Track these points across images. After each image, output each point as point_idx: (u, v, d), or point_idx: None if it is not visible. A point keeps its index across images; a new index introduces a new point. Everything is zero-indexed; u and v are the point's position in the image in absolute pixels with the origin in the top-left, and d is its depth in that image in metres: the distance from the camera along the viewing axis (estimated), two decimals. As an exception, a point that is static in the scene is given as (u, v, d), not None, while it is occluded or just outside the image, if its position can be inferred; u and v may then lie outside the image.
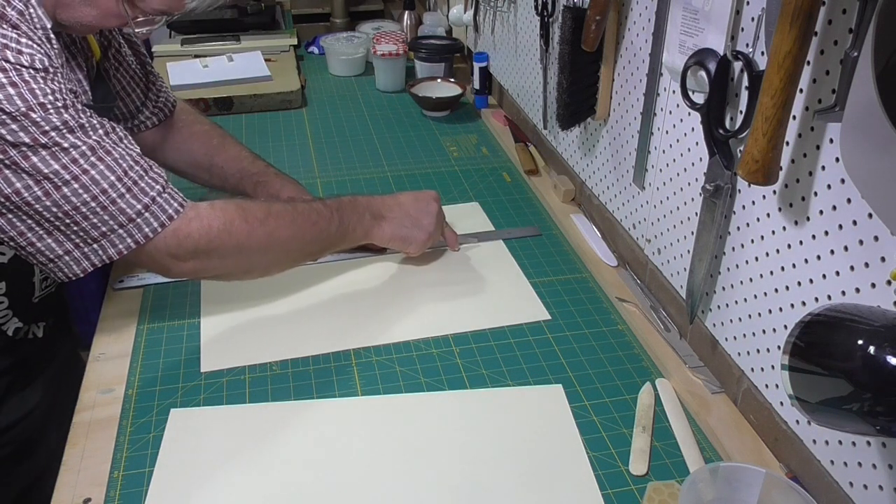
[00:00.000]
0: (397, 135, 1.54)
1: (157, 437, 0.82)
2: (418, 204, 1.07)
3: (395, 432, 0.83)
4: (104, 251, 0.81)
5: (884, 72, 0.52)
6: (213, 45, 1.89)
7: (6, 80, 0.73)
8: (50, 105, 0.75)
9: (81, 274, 0.82)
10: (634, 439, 0.82)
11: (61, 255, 0.80)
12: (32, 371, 1.02)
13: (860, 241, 0.64)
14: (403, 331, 0.98)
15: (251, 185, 1.15)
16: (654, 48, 0.94)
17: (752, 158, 0.66)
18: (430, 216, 1.07)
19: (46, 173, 0.75)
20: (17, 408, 1.00)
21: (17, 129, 0.73)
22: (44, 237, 0.78)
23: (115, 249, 0.81)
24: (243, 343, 0.96)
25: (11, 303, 0.96)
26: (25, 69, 0.75)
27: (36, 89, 0.75)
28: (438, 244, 1.13)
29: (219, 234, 0.85)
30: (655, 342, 0.95)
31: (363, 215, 1.00)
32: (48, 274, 0.83)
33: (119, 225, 0.80)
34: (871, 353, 0.51)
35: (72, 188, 0.77)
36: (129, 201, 0.80)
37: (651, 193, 1.01)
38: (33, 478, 1.02)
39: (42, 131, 0.75)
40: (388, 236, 1.04)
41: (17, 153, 0.74)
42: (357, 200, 1.02)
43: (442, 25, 1.93)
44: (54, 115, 0.75)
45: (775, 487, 0.68)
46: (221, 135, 1.20)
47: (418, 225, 1.05)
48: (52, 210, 0.77)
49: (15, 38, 0.75)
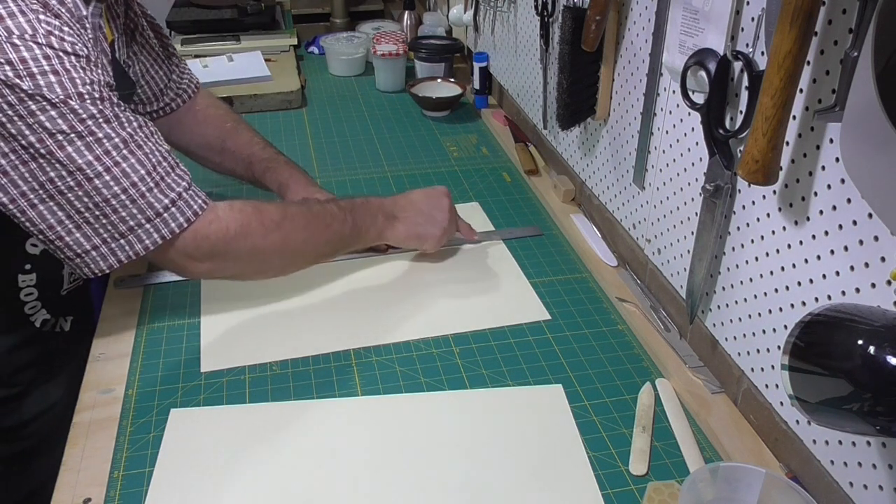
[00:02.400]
0: (397, 135, 1.54)
1: (157, 437, 0.82)
2: (430, 200, 1.07)
3: (396, 432, 0.83)
4: (131, 247, 0.81)
5: (884, 72, 0.52)
6: (213, 45, 1.89)
7: (49, 68, 0.73)
8: (87, 95, 0.76)
9: (108, 270, 0.82)
10: (634, 439, 0.82)
11: (89, 249, 0.80)
12: (57, 365, 1.02)
13: (860, 241, 0.64)
14: (403, 331, 0.98)
15: (260, 171, 1.16)
16: (654, 48, 0.94)
17: (752, 158, 0.66)
18: (442, 212, 1.06)
19: (80, 164, 0.76)
20: (40, 402, 1.00)
21: (56, 115, 0.74)
22: (73, 231, 0.79)
23: (142, 245, 0.82)
24: (243, 343, 0.96)
25: (40, 294, 0.96)
26: (67, 56, 0.75)
27: (76, 78, 0.75)
28: (455, 240, 1.13)
29: (235, 237, 0.86)
30: (655, 342, 0.95)
31: (376, 216, 1.01)
32: (73, 270, 0.83)
33: (147, 220, 0.81)
34: (871, 353, 0.51)
35: (103, 180, 0.77)
36: (157, 196, 0.81)
37: (651, 193, 1.01)
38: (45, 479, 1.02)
39: (79, 119, 0.75)
40: (402, 236, 1.05)
41: (53, 142, 0.75)
42: (370, 201, 1.02)
43: (442, 25, 1.93)
44: (90, 104, 0.76)
45: (775, 487, 0.68)
46: (235, 119, 1.21)
47: (432, 222, 1.06)
48: (83, 200, 0.77)
49: (58, 25, 0.76)
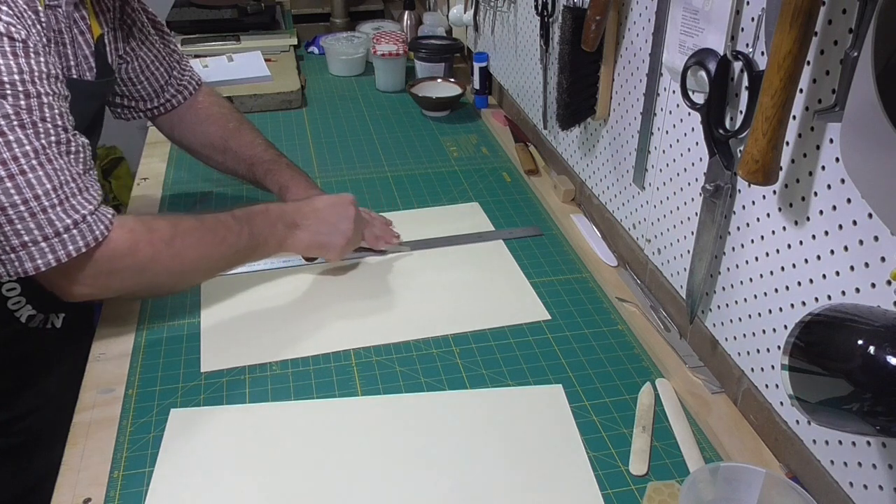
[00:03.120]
0: (397, 135, 1.54)
1: (157, 437, 0.82)
2: (335, 209, 1.03)
3: (395, 432, 0.83)
4: (21, 263, 0.76)
5: (884, 72, 0.52)
6: (213, 45, 1.89)
7: None
8: (10, 89, 0.71)
9: None
10: (634, 439, 0.82)
11: None
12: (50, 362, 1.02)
13: (860, 241, 0.64)
14: (403, 331, 0.98)
15: (262, 173, 1.15)
16: (654, 48, 0.94)
17: (752, 158, 0.66)
18: (347, 221, 1.03)
19: None
20: (32, 398, 1.00)
21: None
22: None
23: (33, 264, 0.76)
24: (243, 343, 0.96)
25: (23, 290, 0.96)
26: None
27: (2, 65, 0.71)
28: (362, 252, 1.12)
29: (122, 257, 0.82)
30: (655, 342, 0.95)
31: (275, 226, 0.97)
32: None
33: (44, 237, 0.76)
34: (871, 353, 0.51)
35: (4, 186, 0.73)
36: (59, 214, 0.76)
37: (651, 193, 1.01)
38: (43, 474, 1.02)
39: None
40: (304, 245, 1.01)
41: None
42: (269, 210, 0.98)
43: (442, 25, 1.93)
44: (10, 103, 0.71)
45: (775, 487, 0.68)
46: (239, 119, 1.21)
47: (335, 231, 1.02)
48: None
49: None
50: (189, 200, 1.28)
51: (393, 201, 1.29)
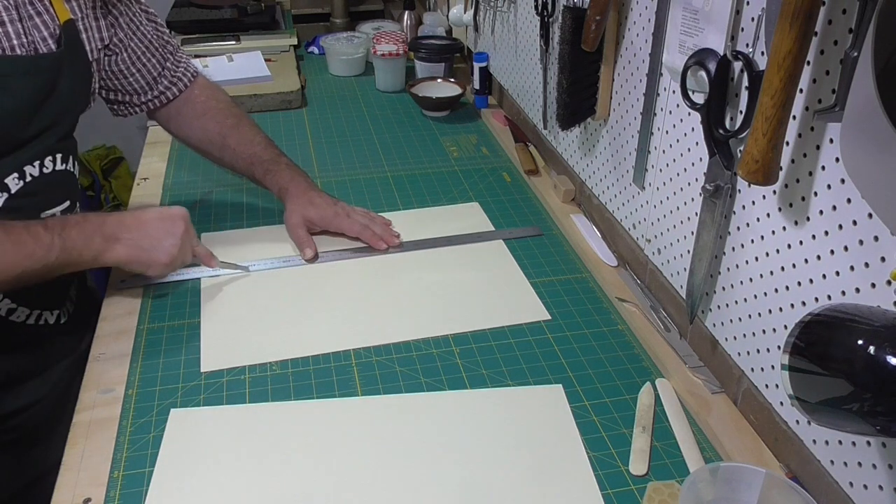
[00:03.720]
0: (397, 135, 1.54)
1: (157, 437, 0.82)
2: (162, 224, 0.98)
3: (396, 432, 0.83)
4: None
5: (884, 72, 0.52)
6: (213, 45, 1.89)
7: None
8: None
9: None
10: (634, 439, 0.82)
11: None
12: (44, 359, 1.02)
13: (860, 241, 0.64)
14: (403, 331, 0.98)
15: (261, 173, 1.14)
16: (654, 48, 0.94)
17: (752, 158, 0.66)
18: (173, 237, 0.97)
19: None
20: (25, 394, 0.99)
21: None
22: None
23: None
24: (243, 343, 0.96)
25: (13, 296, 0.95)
26: None
27: None
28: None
29: None
30: (655, 342, 0.95)
31: (92, 238, 0.91)
32: None
33: None
34: (871, 353, 0.51)
35: None
36: None
37: (651, 193, 1.01)
38: (41, 471, 1.02)
39: None
40: (123, 259, 0.95)
41: None
42: (87, 221, 0.92)
43: (442, 25, 1.93)
44: None
45: (775, 487, 0.68)
46: (238, 115, 1.19)
47: (158, 247, 0.96)
48: None
49: None
50: (189, 200, 1.28)
51: (393, 201, 1.29)
